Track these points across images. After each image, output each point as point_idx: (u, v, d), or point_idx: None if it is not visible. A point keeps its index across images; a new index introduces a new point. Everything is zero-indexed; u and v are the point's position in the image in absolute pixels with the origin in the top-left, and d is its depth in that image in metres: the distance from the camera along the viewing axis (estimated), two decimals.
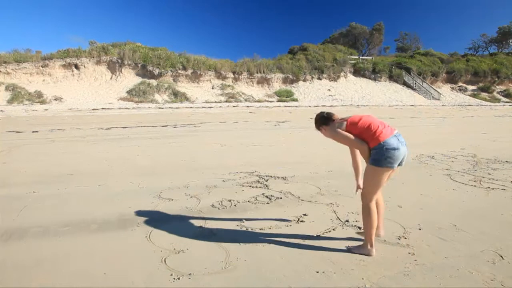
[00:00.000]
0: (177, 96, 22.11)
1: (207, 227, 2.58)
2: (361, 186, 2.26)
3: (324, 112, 2.36)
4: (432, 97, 28.51)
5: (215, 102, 22.02)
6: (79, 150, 5.99)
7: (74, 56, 22.51)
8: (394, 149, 2.05)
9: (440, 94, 28.91)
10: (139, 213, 2.87)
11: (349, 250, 2.20)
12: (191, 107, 18.91)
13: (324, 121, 2.32)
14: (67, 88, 20.96)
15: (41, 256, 2.13)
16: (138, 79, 23.02)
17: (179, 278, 1.87)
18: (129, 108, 17.53)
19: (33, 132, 8.52)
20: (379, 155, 2.06)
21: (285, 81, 27.29)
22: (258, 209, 3.00)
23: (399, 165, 2.12)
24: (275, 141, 7.28)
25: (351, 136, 2.18)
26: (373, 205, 2.14)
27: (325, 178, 4.10)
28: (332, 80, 28.66)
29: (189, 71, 24.38)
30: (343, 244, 2.30)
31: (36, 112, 14.76)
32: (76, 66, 22.55)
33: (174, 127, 9.94)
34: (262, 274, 1.93)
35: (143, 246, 2.26)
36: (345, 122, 2.23)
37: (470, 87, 31.87)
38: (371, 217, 2.12)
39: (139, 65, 23.65)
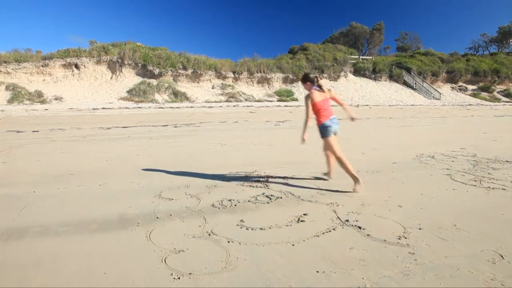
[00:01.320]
0: (177, 95, 22.11)
1: (207, 227, 2.58)
2: (306, 139, 3.53)
3: (309, 74, 3.65)
4: (432, 96, 28.51)
5: (215, 101, 22.02)
6: (79, 150, 5.99)
7: (74, 55, 22.53)
8: (328, 126, 3.51)
9: (440, 93, 28.90)
10: (139, 213, 2.87)
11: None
12: (191, 107, 18.91)
13: (304, 79, 3.67)
14: (67, 88, 20.97)
15: (41, 255, 2.13)
16: (138, 79, 23.02)
17: (179, 278, 1.87)
18: (129, 108, 17.54)
19: (33, 131, 8.52)
20: (321, 131, 3.57)
21: (285, 80, 27.29)
22: (259, 209, 3.00)
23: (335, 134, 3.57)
24: (275, 140, 7.28)
25: (310, 109, 3.51)
26: (339, 153, 3.50)
27: None
28: (332, 80, 28.65)
29: (189, 71, 24.39)
30: (343, 244, 2.30)
31: (36, 111, 14.77)
32: (76, 66, 22.56)
33: (175, 127, 9.94)
34: (262, 273, 1.93)
35: (143, 246, 2.26)
36: (313, 101, 3.50)
37: (470, 87, 31.86)
38: (342, 164, 3.50)
39: (139, 64, 23.65)
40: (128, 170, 4.45)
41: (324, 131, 3.53)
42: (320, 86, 3.60)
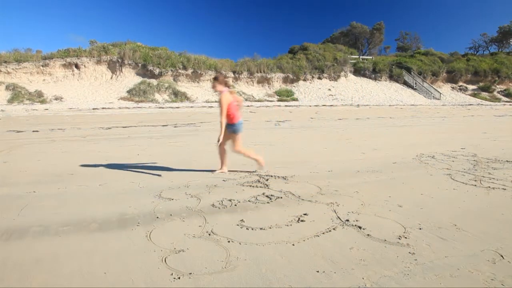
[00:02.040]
0: (178, 95, 22.12)
1: (208, 227, 2.58)
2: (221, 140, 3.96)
3: (220, 76, 4.07)
4: (433, 96, 28.51)
5: (216, 101, 22.00)
6: (80, 150, 5.99)
7: (75, 55, 22.53)
8: (241, 124, 4.13)
9: (441, 93, 28.90)
10: (140, 213, 2.87)
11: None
12: (191, 107, 18.91)
13: (218, 80, 4.04)
14: (67, 88, 20.98)
15: (41, 255, 2.13)
16: (139, 79, 23.03)
17: (179, 278, 1.87)
18: (129, 108, 17.55)
19: (33, 131, 8.53)
20: (237, 128, 4.08)
21: (285, 80, 27.29)
22: (259, 209, 3.00)
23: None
24: (276, 140, 7.28)
25: (225, 108, 3.89)
26: (242, 149, 4.19)
27: (325, 177, 4.10)
28: (332, 80, 28.66)
29: (190, 71, 24.39)
30: (343, 244, 2.30)
31: (36, 111, 14.77)
32: (77, 66, 22.57)
33: (175, 127, 9.94)
34: (262, 273, 1.93)
35: (143, 246, 2.26)
36: (228, 101, 3.93)
37: (471, 87, 31.87)
38: (246, 154, 4.22)
39: (140, 64, 23.66)
40: (128, 170, 4.45)
41: (239, 128, 4.10)
42: (229, 87, 4.12)
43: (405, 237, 2.40)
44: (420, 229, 2.56)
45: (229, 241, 2.33)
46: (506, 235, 2.46)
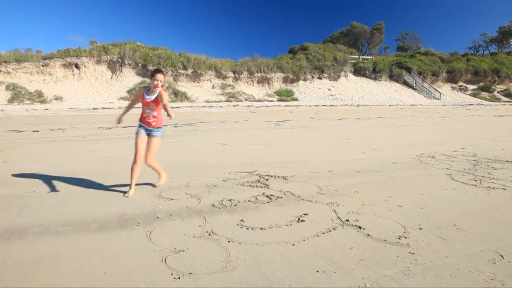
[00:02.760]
0: (178, 95, 22.10)
1: (208, 227, 2.58)
2: (123, 120, 3.84)
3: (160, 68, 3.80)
4: (433, 96, 28.50)
5: (216, 101, 22.01)
6: (80, 150, 5.99)
7: (75, 55, 22.51)
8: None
9: (441, 93, 28.90)
10: (140, 213, 2.87)
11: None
12: (191, 107, 18.90)
13: (164, 75, 3.61)
14: (67, 88, 20.97)
15: (41, 255, 2.13)
16: (139, 79, 23.02)
17: (179, 278, 1.87)
18: None
19: (33, 131, 8.52)
20: (163, 133, 3.65)
21: (285, 80, 27.28)
22: (259, 209, 3.00)
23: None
24: (276, 140, 7.28)
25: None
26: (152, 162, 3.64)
27: (326, 177, 4.10)
28: (332, 80, 28.64)
29: (190, 71, 24.38)
30: (343, 244, 2.30)
31: (36, 111, 14.77)
32: (77, 66, 22.56)
33: (175, 127, 9.93)
34: (262, 273, 1.93)
35: (144, 246, 2.26)
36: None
37: (471, 87, 31.86)
38: (153, 166, 3.65)
39: (140, 64, 23.64)
40: (128, 170, 4.44)
41: (163, 133, 3.72)
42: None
43: (405, 237, 2.40)
44: (420, 229, 2.56)
45: (229, 241, 2.33)
46: (506, 235, 2.46)
